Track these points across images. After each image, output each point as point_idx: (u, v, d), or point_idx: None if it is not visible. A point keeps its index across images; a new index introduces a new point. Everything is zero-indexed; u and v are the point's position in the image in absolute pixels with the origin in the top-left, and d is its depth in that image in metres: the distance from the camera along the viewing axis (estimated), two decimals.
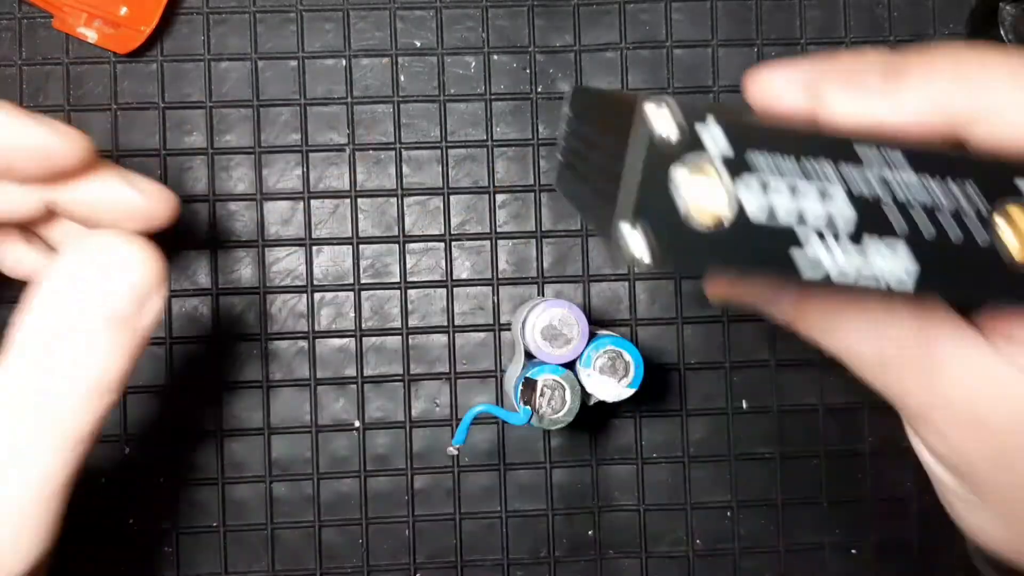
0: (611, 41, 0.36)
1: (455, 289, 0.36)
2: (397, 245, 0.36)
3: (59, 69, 0.35)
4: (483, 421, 0.36)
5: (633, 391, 0.29)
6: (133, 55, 0.35)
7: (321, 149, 0.36)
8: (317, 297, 0.36)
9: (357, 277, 0.36)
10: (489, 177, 0.36)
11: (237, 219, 0.35)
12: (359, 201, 0.36)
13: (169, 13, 0.35)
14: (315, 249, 0.36)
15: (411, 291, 0.36)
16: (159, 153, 0.35)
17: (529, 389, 0.29)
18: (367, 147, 0.36)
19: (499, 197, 0.36)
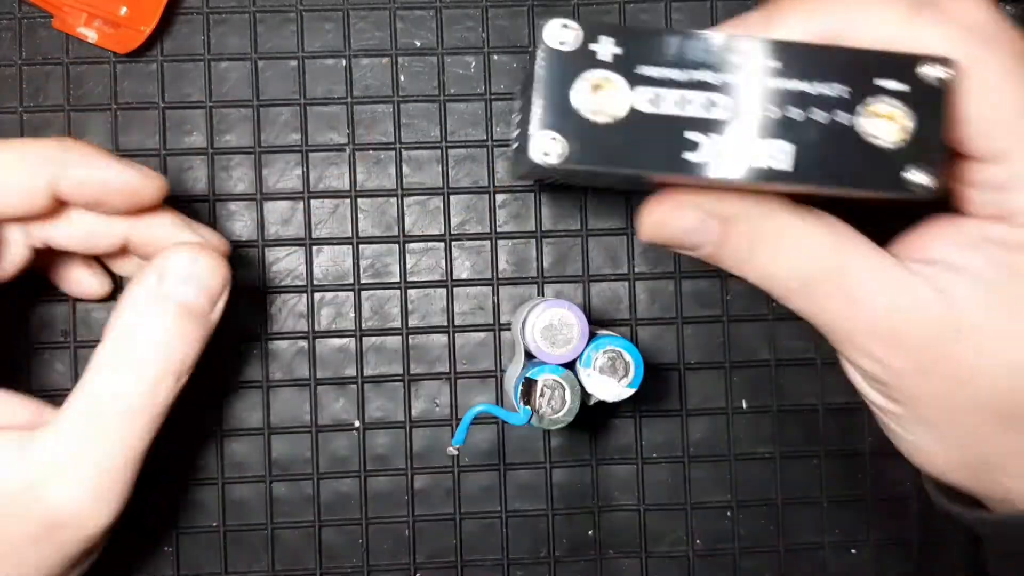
0: None
1: (455, 289, 0.36)
2: (397, 245, 0.36)
3: (59, 69, 0.35)
4: (483, 421, 0.36)
5: (633, 391, 0.29)
6: (133, 55, 0.35)
7: (321, 149, 0.36)
8: (317, 297, 0.36)
9: (357, 277, 0.36)
10: (489, 177, 0.36)
11: (237, 219, 0.35)
12: (359, 201, 0.36)
13: (169, 13, 0.35)
14: (315, 249, 0.36)
15: (411, 291, 0.36)
16: (159, 153, 0.35)
17: (529, 389, 0.29)
18: (367, 147, 0.36)
19: (499, 197, 0.36)
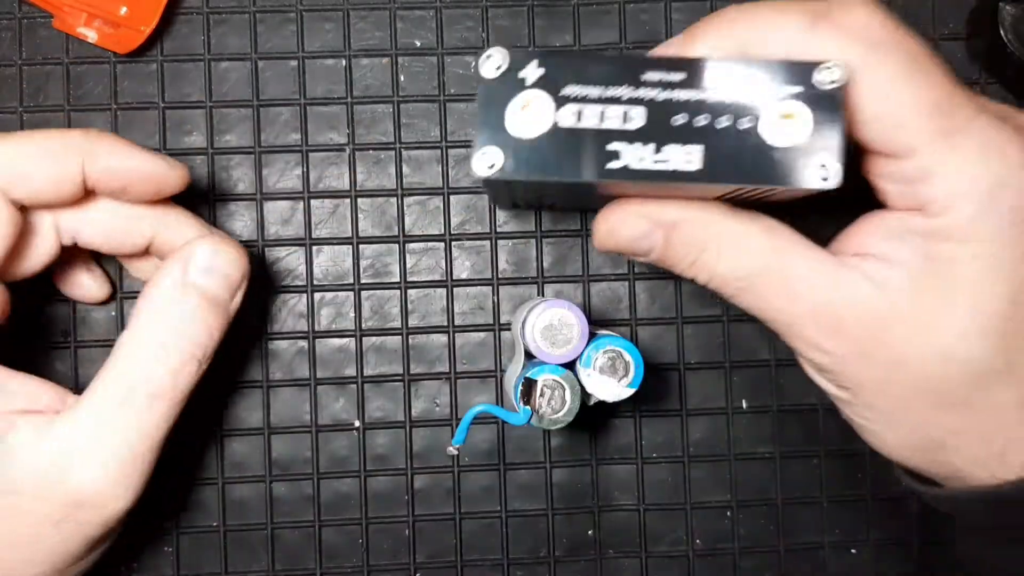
0: (611, 41, 0.36)
1: (455, 289, 0.36)
2: (397, 245, 0.36)
3: (59, 69, 0.35)
4: (483, 421, 0.36)
5: (633, 391, 0.29)
6: (133, 55, 0.35)
7: (321, 149, 0.36)
8: (317, 297, 0.36)
9: (357, 277, 0.36)
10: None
11: (237, 219, 0.35)
12: (359, 201, 0.36)
13: (169, 13, 0.35)
14: (315, 249, 0.36)
15: (411, 291, 0.36)
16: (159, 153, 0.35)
17: (529, 389, 0.29)
18: (367, 147, 0.36)
19: None
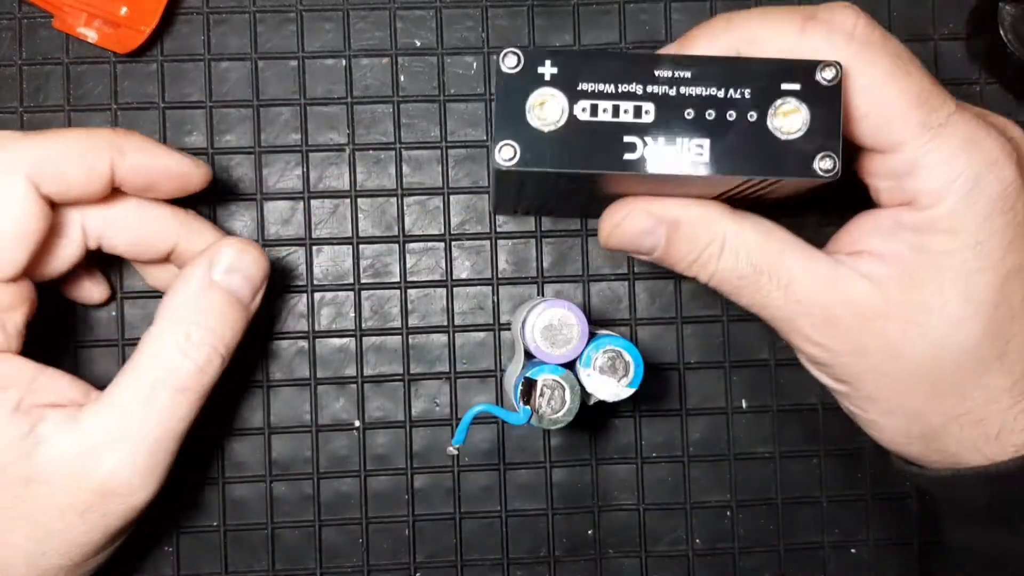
0: (611, 41, 0.36)
1: (455, 289, 0.36)
2: (397, 245, 0.36)
3: (59, 69, 0.35)
4: (483, 421, 0.36)
5: (633, 391, 0.29)
6: (133, 55, 0.35)
7: (321, 149, 0.36)
8: (317, 297, 0.36)
9: (357, 277, 0.36)
10: (489, 177, 0.36)
11: (237, 219, 0.36)
12: (359, 201, 0.36)
13: (169, 13, 0.35)
14: (315, 249, 0.36)
15: (411, 291, 0.36)
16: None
17: (529, 389, 0.29)
18: (367, 147, 0.36)
19: None
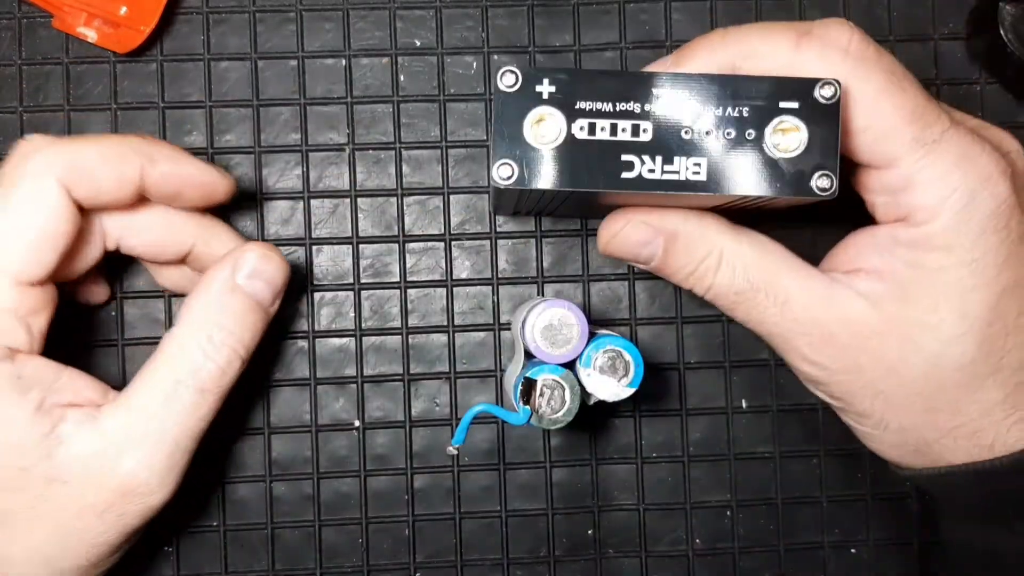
0: (611, 41, 0.36)
1: (455, 289, 0.36)
2: (397, 245, 0.36)
3: (59, 69, 0.35)
4: (483, 421, 0.36)
5: (633, 391, 0.29)
6: (133, 55, 0.35)
7: (321, 149, 0.36)
8: (317, 297, 0.36)
9: (357, 277, 0.36)
10: (489, 177, 0.36)
11: (237, 219, 0.35)
12: (359, 201, 0.36)
13: (169, 13, 0.35)
14: (315, 249, 0.36)
15: (411, 291, 0.36)
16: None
17: (529, 389, 0.29)
18: (367, 147, 0.36)
19: None
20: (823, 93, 0.25)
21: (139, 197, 0.30)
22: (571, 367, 0.29)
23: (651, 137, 0.25)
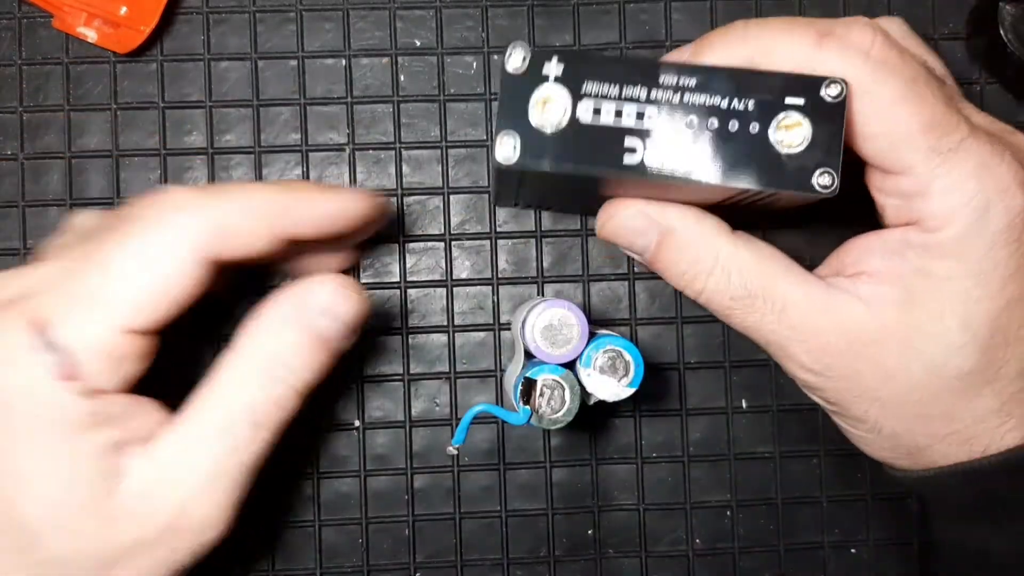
0: (611, 41, 0.36)
1: (455, 288, 0.36)
2: (397, 245, 0.36)
3: (59, 69, 0.35)
4: (483, 421, 0.36)
5: (633, 391, 0.29)
6: (133, 55, 0.35)
7: (321, 149, 0.36)
8: None
9: (357, 277, 0.36)
10: (489, 177, 0.36)
11: None
12: None
13: (169, 13, 0.35)
14: None
15: (411, 290, 0.36)
16: (159, 153, 0.35)
17: (529, 389, 0.29)
18: (367, 147, 0.36)
19: None
20: (829, 92, 0.25)
21: (281, 245, 0.28)
22: (571, 367, 0.29)
23: (655, 124, 0.25)
